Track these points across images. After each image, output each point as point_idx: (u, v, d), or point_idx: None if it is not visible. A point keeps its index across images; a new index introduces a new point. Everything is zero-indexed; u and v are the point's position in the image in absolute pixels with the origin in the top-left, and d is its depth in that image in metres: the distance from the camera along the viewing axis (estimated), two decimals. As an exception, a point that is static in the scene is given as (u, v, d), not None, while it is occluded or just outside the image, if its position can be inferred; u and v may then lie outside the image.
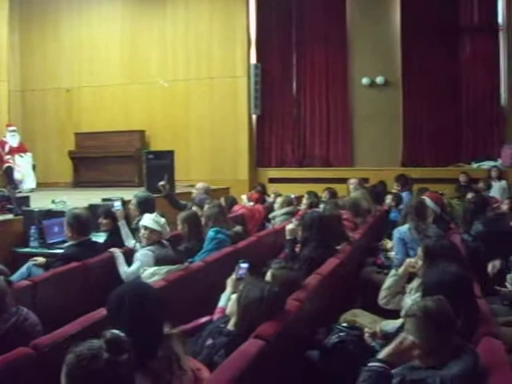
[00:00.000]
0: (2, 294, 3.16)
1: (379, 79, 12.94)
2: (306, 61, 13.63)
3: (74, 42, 14.53)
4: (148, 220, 5.14)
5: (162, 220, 5.20)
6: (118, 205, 6.03)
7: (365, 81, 13.05)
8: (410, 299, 3.81)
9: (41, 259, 5.59)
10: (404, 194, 9.39)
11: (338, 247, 5.25)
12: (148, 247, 4.99)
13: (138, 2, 14.15)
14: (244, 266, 3.82)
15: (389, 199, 8.82)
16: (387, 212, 8.66)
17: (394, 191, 9.63)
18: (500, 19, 12.69)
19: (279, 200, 8.54)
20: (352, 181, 9.65)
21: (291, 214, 7.94)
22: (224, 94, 13.51)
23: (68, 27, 14.61)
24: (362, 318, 4.09)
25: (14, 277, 4.96)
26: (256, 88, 13.39)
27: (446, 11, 12.76)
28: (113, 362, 1.92)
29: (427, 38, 12.69)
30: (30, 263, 5.52)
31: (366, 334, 3.36)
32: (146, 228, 5.08)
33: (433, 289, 3.10)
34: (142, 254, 4.94)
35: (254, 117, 13.78)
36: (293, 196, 8.96)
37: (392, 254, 6.19)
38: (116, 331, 2.07)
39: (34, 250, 6.53)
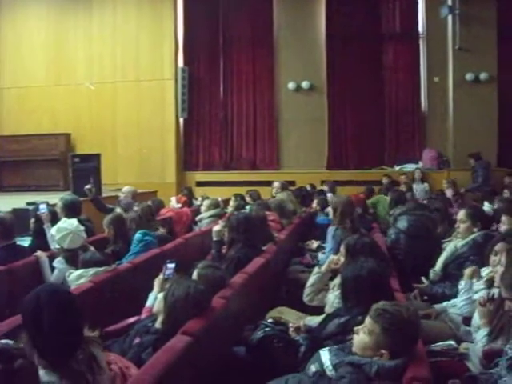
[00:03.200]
0: None
1: (305, 84, 13.21)
2: (233, 65, 13.79)
3: (-2, 43, 14.16)
4: (53, 229, 5.16)
5: (66, 226, 5.11)
6: (43, 207, 5.98)
7: (291, 85, 13.29)
8: (333, 295, 3.96)
9: (-38, 265, 5.45)
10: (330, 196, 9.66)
11: (264, 247, 5.37)
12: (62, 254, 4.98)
13: (65, 5, 13.90)
14: (171, 266, 3.88)
15: (315, 203, 9.00)
16: (314, 214, 8.85)
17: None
18: (420, 27, 13.21)
19: (206, 203, 8.61)
20: (276, 184, 9.82)
21: (218, 217, 8.02)
22: (151, 97, 13.48)
23: (-8, 28, 14.22)
24: (287, 314, 4.21)
25: None
26: (183, 91, 13.42)
27: (369, 18, 13.22)
28: (8, 371, 1.94)
29: (351, 44, 13.10)
30: (-50, 268, 5.37)
31: (291, 329, 3.47)
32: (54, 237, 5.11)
33: (349, 283, 3.27)
34: (57, 260, 4.94)
35: (181, 120, 13.80)
36: (220, 199, 9.06)
37: (319, 253, 6.41)
38: (4, 341, 2.09)
39: (-45, 255, 6.33)
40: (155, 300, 3.57)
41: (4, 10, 14.15)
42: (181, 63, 13.67)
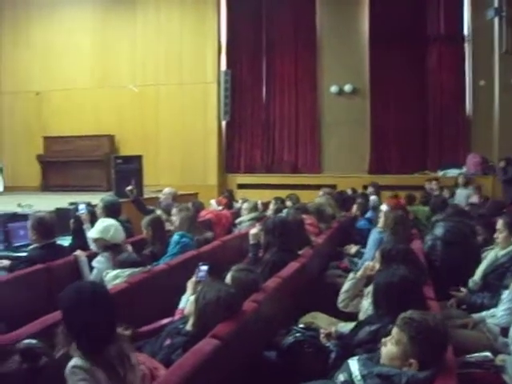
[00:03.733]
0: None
1: (347, 87, 13.14)
2: (276, 67, 13.79)
3: (45, 46, 14.51)
4: (92, 230, 5.24)
5: (112, 230, 5.18)
6: (82, 208, 6.07)
7: (333, 89, 13.22)
8: (367, 302, 3.91)
9: (5, 262, 5.58)
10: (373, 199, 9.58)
11: (301, 251, 5.34)
12: (102, 253, 5.04)
13: (109, 7, 14.16)
14: (204, 268, 3.89)
15: (354, 208, 8.91)
16: (354, 219, 8.75)
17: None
18: (465, 30, 12.98)
19: (246, 205, 8.61)
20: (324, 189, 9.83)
21: (257, 220, 8.00)
22: (194, 100, 13.59)
23: (39, 31, 14.59)
24: (320, 320, 4.17)
25: (-23, 279, 4.94)
26: (226, 94, 13.49)
27: (414, 21, 13.03)
28: (33, 369, 1.99)
29: (395, 47, 12.93)
30: (-6, 266, 5.52)
31: (322, 335, 3.44)
32: (95, 239, 5.18)
33: (381, 290, 3.22)
34: (96, 260, 5.01)
35: (223, 122, 13.86)
36: (259, 202, 9.06)
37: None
38: (28, 340, 2.14)
39: (-1, 253, 6.51)
40: (187, 302, 3.58)
41: (50, 14, 14.49)
42: (223, 66, 13.75)
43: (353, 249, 6.99)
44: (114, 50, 14.14)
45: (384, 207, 7.94)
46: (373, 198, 9.62)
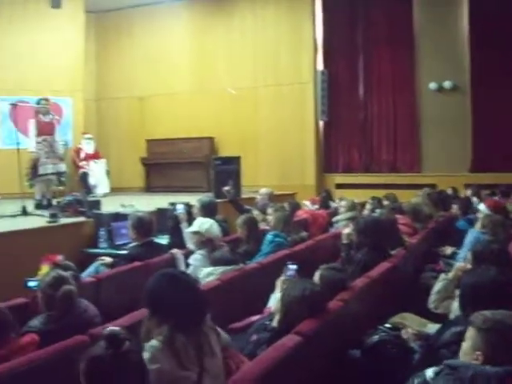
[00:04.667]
0: (70, 294, 3.45)
1: (447, 84, 12.77)
2: (373, 66, 13.62)
3: (146, 53, 15.08)
4: (194, 225, 5.45)
5: (207, 224, 5.39)
6: (180, 208, 6.33)
7: (432, 85, 12.91)
8: (457, 303, 3.84)
9: (108, 259, 5.92)
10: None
11: (393, 251, 5.30)
12: (199, 251, 5.24)
13: (206, 11, 14.51)
14: (292, 267, 3.96)
15: (454, 208, 8.68)
16: (454, 219, 8.52)
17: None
18: None
19: (343, 205, 8.60)
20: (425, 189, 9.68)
21: (353, 219, 7.97)
22: (291, 100, 13.66)
23: (141, 38, 15.17)
24: (409, 320, 4.13)
25: (83, 275, 5.26)
26: (323, 94, 13.49)
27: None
28: (117, 354, 2.14)
29: (496, 41, 12.38)
30: (97, 263, 5.86)
31: (406, 336, 3.43)
32: (193, 232, 5.37)
33: (468, 291, 3.16)
34: (193, 257, 5.21)
35: (320, 122, 13.87)
36: (356, 201, 9.00)
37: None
38: (112, 328, 2.28)
39: (102, 251, 6.88)
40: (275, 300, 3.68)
41: (151, 24, 15.03)
42: (320, 66, 13.74)
43: (448, 250, 6.81)
44: (212, 54, 14.47)
45: (482, 207, 7.72)
46: (474, 199, 9.34)
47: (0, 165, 9.55)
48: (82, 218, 7.72)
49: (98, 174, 12.56)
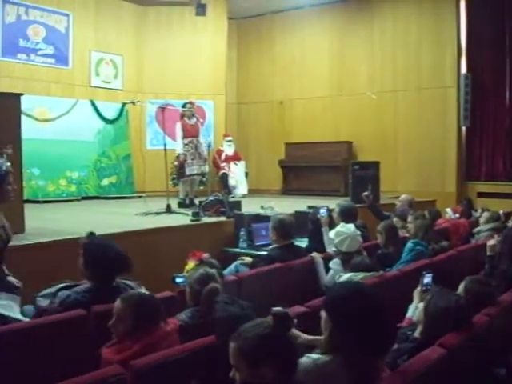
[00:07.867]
0: (216, 292, 3.58)
1: None
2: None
3: (286, 58, 15.34)
4: (332, 233, 5.49)
5: (345, 230, 5.38)
6: (323, 211, 6.38)
7: None
8: None
9: (247, 259, 6.12)
10: None
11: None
12: (338, 255, 5.28)
13: (346, 16, 14.46)
14: (428, 276, 3.89)
15: None
16: None
17: None
18: None
19: (485, 215, 8.29)
20: None
21: (497, 230, 7.65)
22: (432, 105, 13.28)
23: (281, 44, 15.46)
24: None
25: (224, 272, 5.47)
26: (466, 98, 12.99)
27: None
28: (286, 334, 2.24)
29: None
30: (237, 262, 6.10)
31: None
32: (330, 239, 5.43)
33: None
34: (333, 262, 5.25)
35: (463, 128, 13.38)
36: (501, 212, 8.62)
37: None
38: (281, 308, 2.34)
39: (242, 251, 7.12)
40: (415, 311, 3.63)
41: (291, 30, 15.24)
42: (463, 69, 13.25)
43: None
44: (351, 58, 14.40)
45: None
46: None
47: (147, 164, 10.07)
48: (223, 218, 8.00)
49: (237, 175, 12.94)
